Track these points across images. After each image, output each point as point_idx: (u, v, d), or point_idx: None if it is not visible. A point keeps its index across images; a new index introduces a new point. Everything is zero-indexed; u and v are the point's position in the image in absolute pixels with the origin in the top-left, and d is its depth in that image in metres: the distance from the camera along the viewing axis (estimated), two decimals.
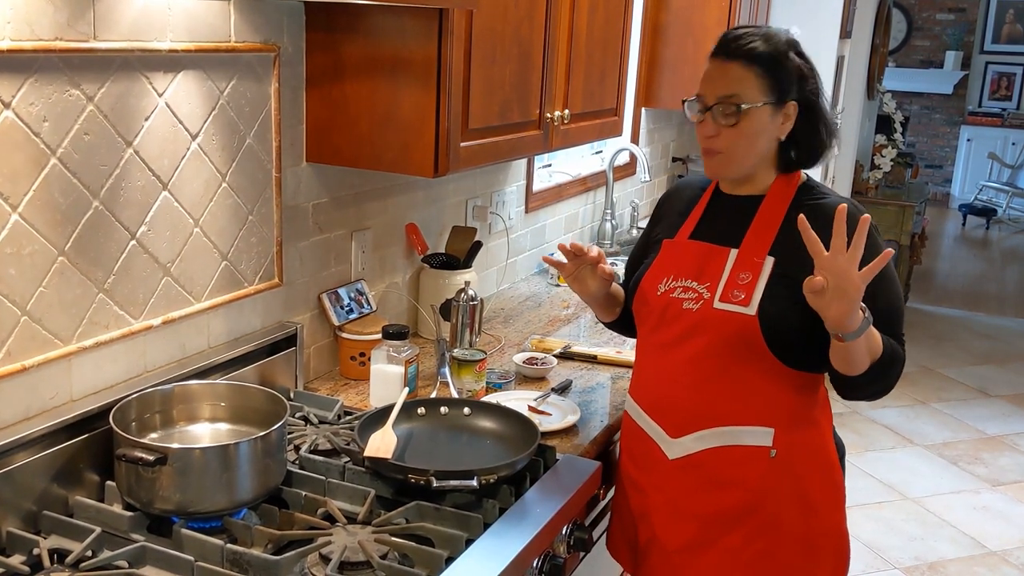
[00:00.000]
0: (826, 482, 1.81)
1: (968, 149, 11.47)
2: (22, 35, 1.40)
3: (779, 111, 1.72)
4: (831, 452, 1.83)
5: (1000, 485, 4.36)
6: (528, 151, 2.32)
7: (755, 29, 1.74)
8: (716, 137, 1.72)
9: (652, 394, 1.84)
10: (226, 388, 1.73)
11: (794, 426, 1.75)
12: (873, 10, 5.71)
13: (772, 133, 1.74)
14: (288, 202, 2.02)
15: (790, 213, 1.72)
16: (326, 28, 1.95)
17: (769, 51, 1.70)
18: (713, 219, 1.83)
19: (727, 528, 1.77)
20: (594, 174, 3.66)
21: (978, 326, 6.83)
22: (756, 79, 1.69)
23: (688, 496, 1.79)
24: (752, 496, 1.75)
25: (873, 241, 1.63)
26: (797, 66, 1.73)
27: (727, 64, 1.71)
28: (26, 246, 1.47)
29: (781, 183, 1.77)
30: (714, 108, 1.71)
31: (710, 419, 1.75)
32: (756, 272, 1.70)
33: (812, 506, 1.78)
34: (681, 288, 1.78)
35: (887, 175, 6.32)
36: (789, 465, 1.75)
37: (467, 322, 2.29)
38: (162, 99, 1.67)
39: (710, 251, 1.78)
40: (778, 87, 1.71)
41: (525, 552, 1.50)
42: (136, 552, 1.41)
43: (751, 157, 1.75)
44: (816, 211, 1.67)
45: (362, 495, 1.60)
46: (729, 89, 1.70)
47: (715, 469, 1.76)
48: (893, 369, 1.69)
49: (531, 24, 2.16)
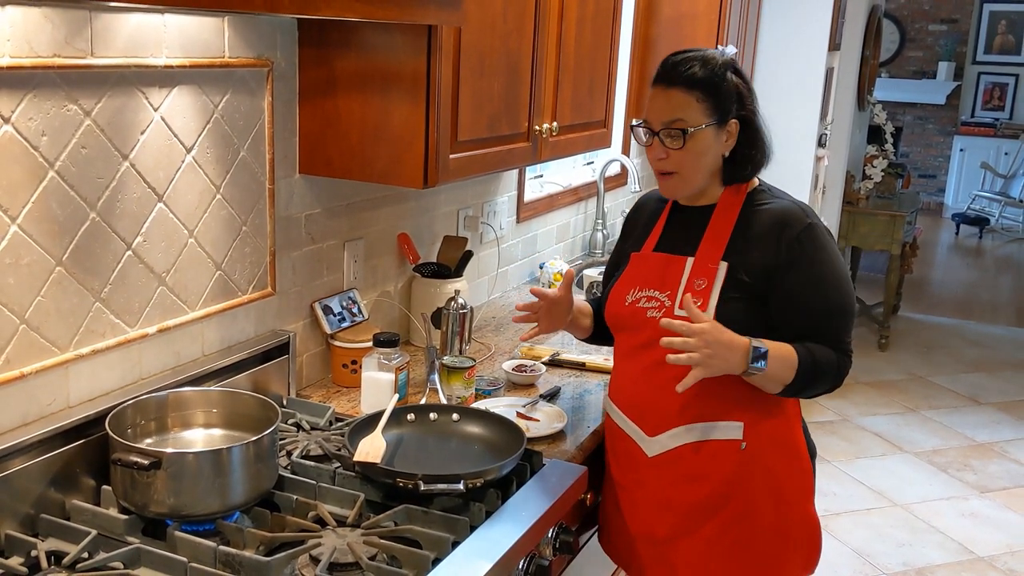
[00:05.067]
0: (794, 471, 1.91)
1: (961, 159, 11.54)
2: (21, 52, 1.44)
3: (722, 130, 1.82)
4: (799, 442, 1.93)
5: (989, 492, 4.39)
6: (517, 163, 2.37)
7: (694, 53, 1.83)
8: (666, 159, 1.83)
9: (628, 396, 1.94)
10: (219, 395, 1.77)
11: (761, 418, 1.85)
12: (863, 22, 5.77)
13: (717, 150, 1.84)
14: (281, 213, 2.06)
15: (740, 219, 1.84)
16: (318, 43, 2.00)
17: (707, 75, 1.79)
18: (673, 231, 1.94)
19: (704, 519, 1.87)
20: (585, 184, 3.71)
21: (969, 334, 6.87)
22: (697, 103, 1.79)
23: (668, 490, 1.89)
24: (725, 488, 1.85)
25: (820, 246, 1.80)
26: (735, 85, 1.83)
27: (669, 91, 1.81)
28: (24, 256, 1.51)
29: (730, 193, 1.88)
30: (660, 133, 1.81)
31: (682, 417, 1.85)
32: (711, 277, 1.81)
33: (782, 496, 1.89)
34: (645, 297, 1.89)
35: (878, 185, 6.37)
36: (759, 457, 1.85)
37: (457, 330, 2.33)
38: (157, 113, 1.71)
39: (669, 261, 1.88)
40: (719, 108, 1.80)
41: (510, 553, 1.54)
42: (131, 554, 1.45)
43: (701, 175, 1.85)
44: (760, 216, 1.83)
45: (352, 499, 1.64)
46: (673, 114, 1.80)
47: (690, 463, 1.86)
48: (819, 380, 1.79)
49: (519, 38, 2.21)
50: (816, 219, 1.84)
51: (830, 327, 1.81)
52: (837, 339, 1.81)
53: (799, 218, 1.82)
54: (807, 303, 1.80)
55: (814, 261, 1.80)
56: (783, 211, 1.83)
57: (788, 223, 1.81)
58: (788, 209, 1.84)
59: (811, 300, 1.80)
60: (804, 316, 1.81)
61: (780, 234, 1.80)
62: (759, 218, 1.83)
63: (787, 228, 1.80)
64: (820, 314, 1.80)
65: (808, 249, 1.80)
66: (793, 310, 1.80)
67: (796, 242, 1.79)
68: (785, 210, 1.84)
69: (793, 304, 1.80)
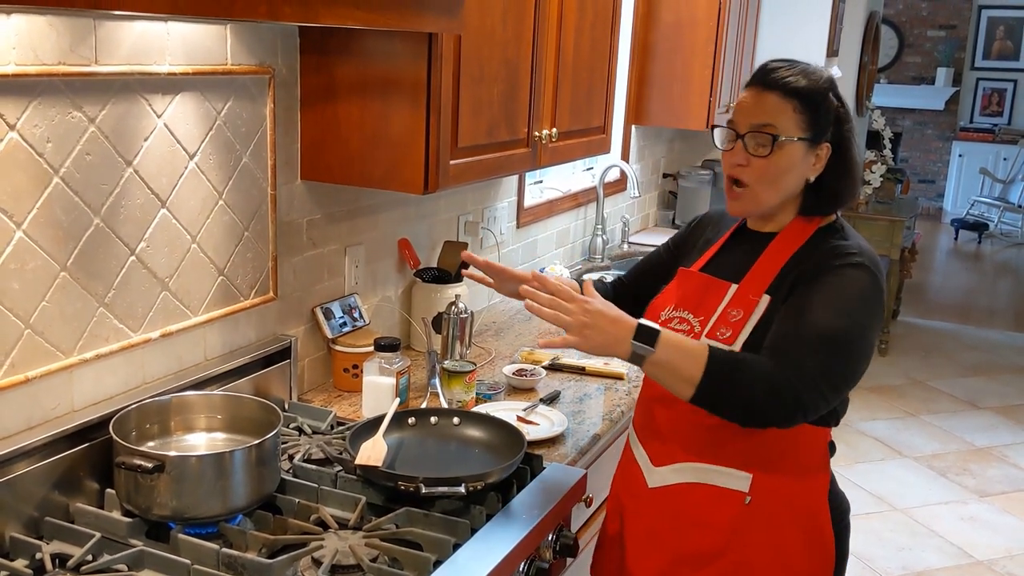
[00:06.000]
0: (812, 549, 1.71)
1: (960, 164, 11.56)
2: (27, 60, 1.46)
3: (812, 151, 1.65)
4: (821, 520, 1.72)
5: (988, 496, 4.40)
6: (517, 168, 2.39)
7: (795, 63, 1.67)
8: (745, 167, 1.65)
9: (643, 419, 1.83)
10: (222, 399, 1.79)
11: (776, 475, 1.67)
12: (861, 28, 5.79)
13: (802, 172, 1.66)
14: (283, 218, 2.08)
15: (801, 253, 1.66)
16: (319, 50, 2.02)
17: (809, 87, 1.64)
18: (728, 252, 1.78)
19: (692, 569, 1.72)
20: (585, 190, 3.72)
21: (968, 339, 6.88)
22: (794, 113, 1.63)
23: (663, 528, 1.75)
24: (721, 540, 1.69)
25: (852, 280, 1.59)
26: (835, 107, 1.66)
27: (764, 94, 1.65)
28: (29, 261, 1.52)
29: (798, 223, 1.70)
30: (746, 137, 1.65)
31: (688, 453, 1.71)
32: (749, 310, 1.64)
33: (791, 567, 1.70)
34: (678, 319, 1.74)
35: (877, 190, 6.38)
36: (766, 516, 1.68)
37: (457, 334, 2.35)
38: (161, 120, 1.73)
39: (712, 284, 1.72)
40: (815, 125, 1.64)
41: (511, 556, 1.55)
42: (134, 556, 1.46)
43: (777, 194, 1.67)
44: (823, 253, 1.63)
45: (353, 502, 1.66)
46: (765, 118, 1.63)
47: (689, 506, 1.72)
48: (737, 386, 1.54)
49: (518, 45, 2.23)
50: (871, 265, 1.61)
51: (804, 344, 1.54)
52: (803, 360, 1.53)
53: (850, 252, 1.61)
54: (799, 315, 1.57)
55: (835, 283, 1.58)
56: (841, 246, 1.63)
57: (836, 252, 1.62)
58: (847, 246, 1.63)
59: (806, 313, 1.57)
60: (786, 327, 1.58)
61: (822, 262, 1.61)
62: (817, 252, 1.62)
63: (831, 255, 1.61)
64: (803, 328, 1.55)
65: (837, 271, 1.59)
66: (781, 321, 1.59)
67: (828, 263, 1.60)
68: (844, 246, 1.63)
69: (786, 315, 1.59)
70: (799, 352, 1.54)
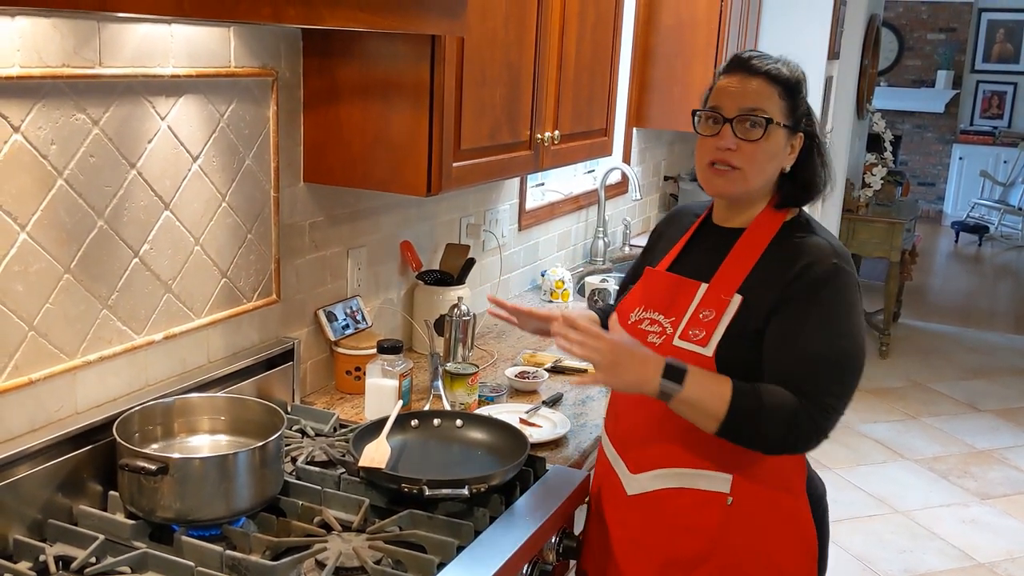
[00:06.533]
0: (796, 543, 1.72)
1: (960, 167, 11.57)
2: (31, 62, 1.46)
3: (789, 140, 1.67)
4: (801, 513, 1.73)
5: (989, 498, 4.40)
6: (519, 171, 2.39)
7: (770, 54, 1.70)
8: (735, 152, 1.64)
9: (617, 426, 1.80)
10: (225, 401, 1.79)
11: (754, 473, 1.66)
12: (861, 31, 5.80)
13: (781, 160, 1.68)
14: (285, 221, 2.08)
15: (770, 250, 1.66)
16: (322, 53, 2.02)
17: (789, 76, 1.66)
18: (695, 250, 1.77)
19: (685, 571, 1.70)
20: (586, 192, 3.73)
21: (969, 341, 6.88)
22: (779, 99, 1.65)
23: (647, 536, 1.73)
24: (707, 543, 1.68)
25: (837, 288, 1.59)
26: (806, 100, 1.70)
27: (750, 79, 1.65)
28: (33, 264, 1.52)
29: (766, 216, 1.69)
30: (735, 121, 1.64)
31: (667, 458, 1.69)
32: (720, 310, 1.63)
33: (777, 563, 1.70)
34: (648, 320, 1.73)
35: (877, 193, 6.39)
36: (748, 516, 1.67)
37: (460, 337, 2.35)
38: (164, 122, 1.73)
39: (681, 284, 1.71)
40: (793, 114, 1.66)
41: (514, 558, 1.55)
42: (138, 558, 1.46)
43: (764, 179, 1.67)
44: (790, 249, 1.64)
45: (357, 504, 1.66)
46: (755, 103, 1.63)
47: (672, 511, 1.70)
48: (761, 422, 1.56)
49: (520, 48, 2.23)
50: (847, 265, 1.62)
51: (812, 375, 1.57)
52: (816, 390, 1.56)
53: (826, 256, 1.61)
54: (795, 342, 1.58)
55: (823, 301, 1.59)
56: (813, 246, 1.63)
57: (812, 259, 1.61)
58: (819, 245, 1.63)
59: (801, 340, 1.57)
60: (787, 357, 1.58)
61: (796, 267, 1.60)
62: (788, 252, 1.63)
63: (808, 264, 1.60)
64: (806, 359, 1.57)
65: (820, 288, 1.59)
66: (778, 348, 1.59)
67: (809, 277, 1.59)
68: (816, 245, 1.63)
69: (783, 342, 1.59)
70: (813, 386, 1.57)
